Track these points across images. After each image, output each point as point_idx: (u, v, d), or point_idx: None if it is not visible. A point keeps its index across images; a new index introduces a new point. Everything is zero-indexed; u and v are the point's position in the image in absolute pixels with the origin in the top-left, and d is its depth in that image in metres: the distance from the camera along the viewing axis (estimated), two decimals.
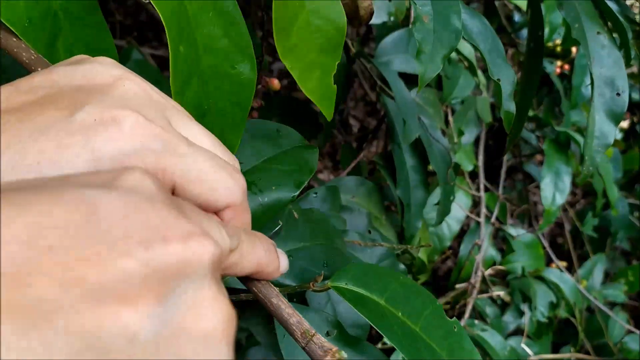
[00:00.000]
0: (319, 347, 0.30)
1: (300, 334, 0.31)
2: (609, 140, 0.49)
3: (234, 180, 0.31)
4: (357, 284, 0.43)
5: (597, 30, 0.50)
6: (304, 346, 0.30)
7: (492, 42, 0.49)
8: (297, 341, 0.31)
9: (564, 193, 1.24)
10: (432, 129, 0.95)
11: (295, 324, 0.31)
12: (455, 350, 0.44)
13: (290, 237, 0.50)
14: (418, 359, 0.41)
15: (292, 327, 0.31)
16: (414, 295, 0.46)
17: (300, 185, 0.46)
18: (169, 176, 0.28)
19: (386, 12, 0.94)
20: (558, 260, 1.41)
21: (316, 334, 0.30)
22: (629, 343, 1.40)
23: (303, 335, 0.30)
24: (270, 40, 0.49)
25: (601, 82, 0.49)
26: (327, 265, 0.51)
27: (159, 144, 0.28)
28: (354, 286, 0.43)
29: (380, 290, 0.43)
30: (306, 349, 0.30)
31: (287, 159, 0.48)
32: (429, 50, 0.43)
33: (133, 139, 0.27)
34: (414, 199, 0.91)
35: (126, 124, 0.27)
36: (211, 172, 0.30)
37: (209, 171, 0.30)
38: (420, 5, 0.43)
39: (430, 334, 0.44)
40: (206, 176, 0.30)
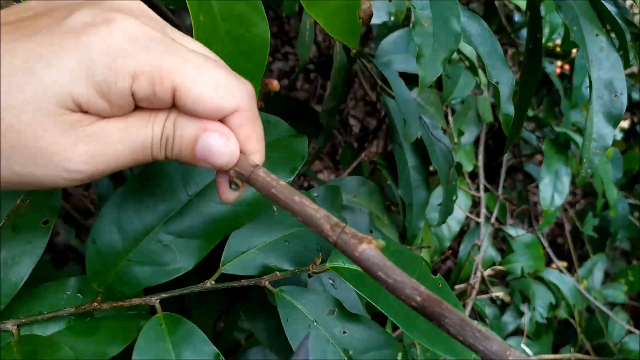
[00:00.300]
0: (352, 237, 0.27)
1: (329, 228, 0.28)
2: (607, 143, 0.49)
3: (239, 81, 0.30)
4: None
5: (596, 32, 0.50)
6: (336, 239, 0.28)
7: (490, 44, 0.49)
8: (327, 238, 0.28)
9: (562, 194, 1.24)
10: (433, 129, 0.95)
11: (324, 218, 0.28)
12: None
13: (284, 222, 0.50)
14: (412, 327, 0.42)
15: (319, 222, 0.28)
16: (405, 261, 0.47)
17: (294, 170, 0.47)
18: (167, 77, 0.27)
19: (386, 12, 0.94)
20: (558, 261, 1.41)
21: (347, 225, 0.28)
22: (629, 343, 1.40)
23: (333, 228, 0.28)
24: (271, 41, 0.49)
25: (600, 85, 0.49)
26: (320, 249, 0.51)
27: (155, 45, 0.27)
28: (350, 264, 0.44)
29: None
30: (338, 242, 0.28)
31: (280, 146, 0.48)
32: (429, 54, 0.43)
33: (126, 38, 0.26)
34: (416, 198, 0.91)
35: (119, 24, 0.26)
36: (213, 71, 0.29)
37: (211, 71, 0.28)
38: (420, 9, 0.43)
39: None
40: (208, 76, 0.28)
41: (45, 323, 0.42)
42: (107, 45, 0.26)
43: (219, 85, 0.28)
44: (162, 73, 0.27)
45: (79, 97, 0.26)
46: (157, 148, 0.29)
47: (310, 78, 1.69)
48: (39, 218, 0.41)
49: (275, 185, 0.30)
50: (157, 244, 0.43)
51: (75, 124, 0.27)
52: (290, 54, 1.64)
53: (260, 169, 0.31)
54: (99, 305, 0.43)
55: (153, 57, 0.27)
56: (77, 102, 0.26)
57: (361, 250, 0.27)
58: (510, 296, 1.32)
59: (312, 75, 1.68)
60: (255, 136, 0.31)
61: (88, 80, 0.26)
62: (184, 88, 0.27)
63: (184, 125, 0.29)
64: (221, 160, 0.30)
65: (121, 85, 0.26)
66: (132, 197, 0.44)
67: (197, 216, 0.44)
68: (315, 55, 1.57)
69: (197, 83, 0.27)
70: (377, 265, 0.26)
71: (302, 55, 0.88)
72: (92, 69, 0.26)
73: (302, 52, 0.88)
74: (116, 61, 0.26)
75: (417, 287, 0.26)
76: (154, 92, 0.27)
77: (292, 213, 0.29)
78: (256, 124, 0.31)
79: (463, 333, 0.24)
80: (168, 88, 0.27)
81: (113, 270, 0.43)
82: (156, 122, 0.29)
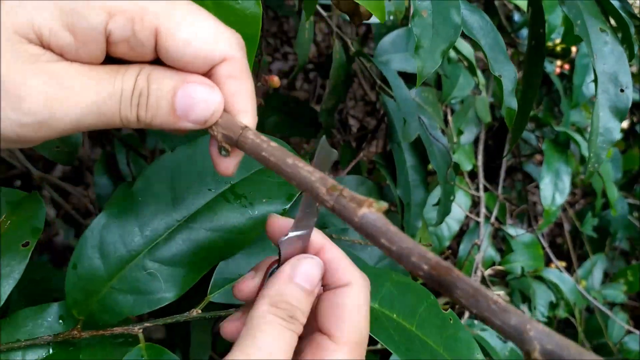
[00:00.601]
0: (350, 200, 0.24)
1: (326, 191, 0.25)
2: (613, 137, 0.49)
3: (229, 30, 0.27)
4: None
5: (600, 26, 0.49)
6: (333, 204, 0.25)
7: (493, 37, 0.48)
8: (323, 202, 0.25)
9: (563, 193, 1.24)
10: (431, 129, 0.95)
11: (319, 181, 0.25)
12: (451, 343, 0.44)
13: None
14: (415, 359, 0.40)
15: (315, 186, 0.25)
16: (408, 293, 0.45)
17: (291, 197, 0.44)
18: (150, 18, 0.24)
19: (385, 11, 0.94)
20: (557, 260, 1.41)
21: (345, 187, 0.25)
22: (629, 343, 1.39)
23: (330, 191, 0.25)
24: (269, 40, 0.49)
25: (605, 79, 0.49)
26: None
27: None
28: None
29: (373, 294, 0.41)
30: (336, 207, 0.25)
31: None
32: (428, 45, 0.43)
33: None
34: (414, 198, 0.90)
35: None
36: (200, 15, 0.25)
37: (197, 14, 0.25)
38: (419, 0, 0.43)
39: (425, 330, 0.43)
40: (196, 20, 0.25)
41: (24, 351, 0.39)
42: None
43: (207, 30, 0.25)
44: (143, 11, 0.24)
45: (41, 26, 0.23)
46: (126, 105, 0.26)
47: (310, 78, 1.68)
48: (19, 240, 0.39)
49: (266, 147, 0.27)
50: (142, 271, 0.41)
51: (33, 57, 0.24)
52: (290, 53, 1.64)
53: (249, 130, 0.28)
54: (78, 334, 0.40)
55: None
56: (38, 32, 0.23)
57: (361, 215, 0.24)
58: (510, 296, 1.31)
59: (312, 75, 1.68)
60: (245, 92, 0.28)
61: (55, 9, 0.23)
62: (169, 31, 0.24)
63: (160, 77, 0.26)
64: (205, 112, 0.27)
65: (94, 20, 0.23)
66: (117, 220, 0.41)
67: (185, 243, 0.41)
68: (315, 55, 1.56)
69: (183, 26, 0.25)
70: (380, 230, 0.23)
71: (301, 54, 0.88)
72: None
73: (301, 52, 0.88)
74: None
75: (425, 254, 0.23)
76: (133, 33, 0.24)
77: (285, 177, 0.27)
78: (246, 78, 0.28)
79: (477, 305, 0.21)
80: (150, 29, 0.24)
81: (94, 298, 0.40)
82: (127, 75, 0.25)
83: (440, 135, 0.97)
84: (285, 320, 0.29)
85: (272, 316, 0.29)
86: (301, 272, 0.31)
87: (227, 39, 0.26)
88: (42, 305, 0.41)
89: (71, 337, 0.40)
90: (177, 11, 0.25)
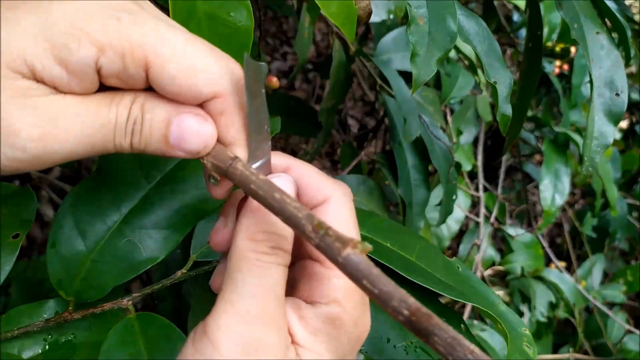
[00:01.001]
0: (335, 240, 0.24)
1: (311, 229, 0.25)
2: (608, 141, 0.49)
3: (218, 63, 0.26)
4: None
5: (597, 30, 0.49)
6: (318, 242, 0.25)
7: (488, 43, 0.48)
8: (309, 240, 0.25)
9: (563, 194, 1.24)
10: (432, 127, 0.95)
11: (305, 218, 0.25)
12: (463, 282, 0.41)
13: None
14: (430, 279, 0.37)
15: (301, 223, 0.25)
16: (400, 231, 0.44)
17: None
18: (140, 51, 0.24)
19: (385, 10, 0.94)
20: (557, 260, 1.41)
21: (331, 226, 0.25)
22: (628, 343, 1.40)
23: (315, 229, 0.25)
24: (268, 40, 0.49)
25: (600, 83, 0.49)
26: None
27: (127, 16, 0.24)
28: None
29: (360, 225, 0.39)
30: (321, 245, 0.25)
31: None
32: (424, 53, 0.43)
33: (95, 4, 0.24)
34: (416, 198, 0.90)
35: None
36: (188, 48, 0.25)
37: (185, 47, 0.25)
38: (416, 7, 0.43)
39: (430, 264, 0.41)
40: (182, 53, 0.25)
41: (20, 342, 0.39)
42: (72, 9, 0.23)
43: (197, 66, 0.25)
44: (133, 46, 0.24)
45: (33, 61, 0.23)
46: (121, 134, 0.26)
47: (309, 77, 1.69)
48: (9, 232, 0.39)
49: (255, 180, 0.27)
50: (121, 239, 0.40)
51: (27, 92, 0.24)
52: (289, 53, 1.64)
53: (239, 161, 0.28)
54: (69, 316, 0.40)
55: (124, 28, 0.24)
56: (30, 66, 0.23)
57: (345, 255, 0.24)
58: (510, 296, 1.32)
59: (311, 75, 1.68)
60: (236, 125, 0.28)
61: (46, 44, 0.23)
62: (158, 65, 0.24)
63: (154, 107, 0.26)
64: (197, 144, 0.27)
65: (84, 54, 0.23)
66: (89, 195, 0.41)
67: (161, 207, 0.41)
68: (314, 54, 1.56)
69: (172, 60, 0.25)
70: (362, 273, 0.24)
71: (301, 54, 0.88)
72: (51, 32, 0.23)
73: (300, 51, 0.88)
74: (80, 27, 0.23)
75: (405, 299, 0.23)
76: (124, 67, 0.24)
77: (272, 211, 0.27)
78: (237, 112, 0.28)
79: (453, 353, 0.22)
80: (140, 64, 0.24)
81: (78, 276, 0.40)
82: (122, 104, 0.26)
83: (441, 134, 0.97)
84: (267, 254, 0.27)
85: (250, 252, 0.26)
86: None
87: (216, 75, 0.26)
88: (39, 302, 0.41)
89: (63, 320, 0.40)
90: (167, 46, 0.25)
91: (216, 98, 0.26)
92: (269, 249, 0.27)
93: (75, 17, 0.23)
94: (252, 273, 0.26)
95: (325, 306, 0.27)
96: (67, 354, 0.41)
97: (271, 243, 0.27)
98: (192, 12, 0.36)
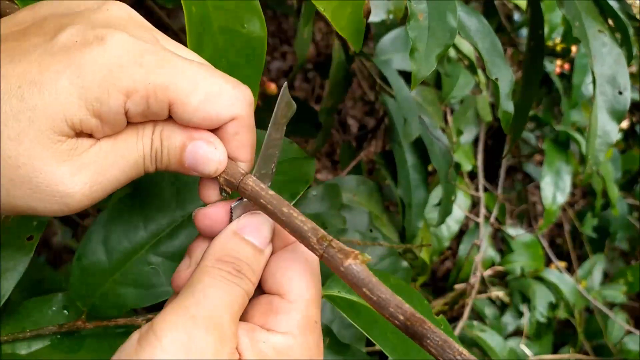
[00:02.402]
0: (338, 251, 0.27)
1: (316, 241, 0.28)
2: (611, 139, 0.49)
3: (235, 89, 0.29)
4: (350, 291, 0.42)
5: (598, 28, 0.49)
6: (322, 254, 0.27)
7: (490, 40, 0.48)
8: (314, 251, 0.28)
9: (564, 192, 1.24)
10: (432, 128, 0.94)
11: (311, 231, 0.28)
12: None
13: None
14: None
15: (307, 235, 0.28)
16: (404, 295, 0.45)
17: (295, 195, 0.44)
18: (162, 92, 0.27)
19: (384, 10, 0.94)
20: (557, 261, 1.41)
21: (334, 239, 0.28)
22: (628, 343, 1.39)
23: (320, 241, 0.28)
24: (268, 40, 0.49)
25: (603, 81, 0.48)
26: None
27: (147, 59, 0.27)
28: (346, 294, 0.43)
29: None
30: (325, 256, 0.27)
31: (284, 169, 0.46)
32: (423, 49, 0.42)
33: (119, 55, 0.26)
34: (415, 198, 0.90)
35: (110, 41, 0.26)
36: (207, 79, 0.28)
37: (205, 79, 0.28)
38: (416, 3, 0.42)
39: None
40: (202, 85, 0.28)
41: (29, 341, 0.40)
42: (99, 64, 0.25)
43: (215, 95, 0.28)
44: (156, 89, 0.26)
45: (72, 119, 0.26)
46: (147, 161, 0.29)
47: (309, 77, 1.68)
48: (24, 234, 0.40)
49: (264, 195, 0.29)
50: (145, 265, 0.41)
51: (71, 153, 0.26)
52: (289, 53, 1.63)
53: (249, 177, 0.30)
54: (83, 325, 0.41)
55: (146, 72, 0.26)
56: (70, 125, 0.26)
57: (346, 265, 0.27)
58: (510, 296, 1.31)
59: (311, 75, 1.67)
60: (248, 145, 0.31)
61: (81, 101, 0.25)
62: (180, 101, 0.27)
63: (170, 135, 0.29)
64: (209, 168, 0.29)
65: (114, 103, 0.26)
66: (122, 215, 0.42)
67: (189, 238, 0.42)
68: (314, 54, 1.56)
69: (192, 95, 0.27)
70: (362, 281, 0.26)
71: (300, 54, 0.88)
72: (84, 90, 0.25)
73: (300, 51, 0.88)
74: (108, 80, 0.26)
75: (401, 306, 0.25)
76: (148, 108, 0.27)
77: (280, 224, 0.29)
78: (251, 133, 0.31)
79: (444, 355, 0.24)
80: (164, 103, 0.27)
81: (98, 291, 0.41)
82: (144, 137, 0.29)
83: (441, 135, 0.97)
84: (232, 275, 0.28)
85: (216, 269, 0.28)
86: (247, 226, 0.30)
87: (233, 101, 0.29)
88: (47, 296, 0.42)
89: (76, 328, 0.41)
90: (187, 80, 0.27)
91: (233, 120, 0.29)
92: (235, 271, 0.28)
93: (103, 70, 0.25)
94: (212, 285, 0.27)
95: (280, 335, 0.28)
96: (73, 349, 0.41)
97: (238, 267, 0.28)
98: (207, 27, 0.38)
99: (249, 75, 0.40)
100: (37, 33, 0.26)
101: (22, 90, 0.25)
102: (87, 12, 0.28)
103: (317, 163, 1.65)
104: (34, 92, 0.25)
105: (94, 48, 0.25)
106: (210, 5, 0.37)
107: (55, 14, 0.28)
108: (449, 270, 1.58)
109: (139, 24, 0.29)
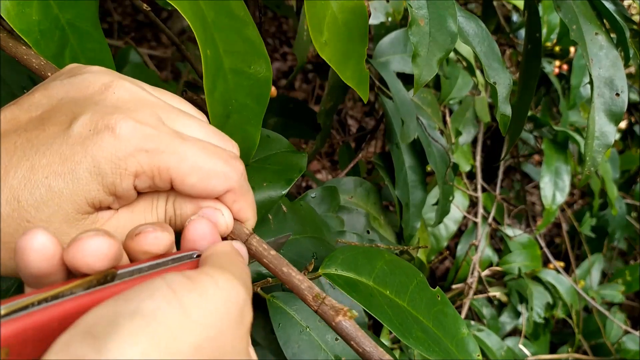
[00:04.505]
0: (330, 308, 0.32)
1: (312, 298, 0.32)
2: (609, 140, 0.49)
3: (229, 166, 0.33)
4: (347, 269, 0.45)
5: (595, 31, 0.50)
6: (317, 309, 0.32)
7: (488, 44, 0.49)
8: (309, 305, 0.32)
9: (563, 192, 1.24)
10: (430, 129, 0.95)
11: (307, 289, 0.33)
12: (439, 317, 0.47)
13: (279, 231, 0.50)
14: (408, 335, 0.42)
15: (303, 292, 0.33)
16: (399, 270, 0.47)
17: (290, 182, 0.47)
18: (165, 172, 0.31)
19: (383, 12, 0.94)
20: (555, 261, 1.41)
21: (327, 296, 0.32)
22: (627, 343, 1.40)
23: (315, 298, 0.32)
24: (268, 41, 0.49)
25: (600, 83, 0.49)
26: (316, 256, 0.51)
27: (152, 144, 0.31)
28: (343, 271, 0.45)
29: (368, 272, 0.45)
30: (319, 311, 0.32)
31: (278, 160, 0.49)
32: (425, 54, 0.43)
33: (126, 143, 0.30)
34: (413, 199, 0.91)
35: (118, 129, 0.30)
36: (205, 161, 0.32)
37: (203, 161, 0.32)
38: (417, 9, 0.43)
39: (416, 306, 0.46)
40: (200, 166, 0.32)
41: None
42: (111, 153, 0.30)
43: (209, 175, 0.32)
44: (160, 170, 0.31)
45: (92, 200, 0.30)
46: None
47: (309, 78, 1.69)
48: None
49: (267, 255, 0.34)
50: None
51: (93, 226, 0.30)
52: (289, 54, 1.64)
53: (254, 237, 0.34)
54: None
55: (150, 157, 0.30)
56: (91, 204, 0.30)
57: (337, 321, 0.31)
58: (508, 296, 1.32)
59: (310, 76, 1.68)
60: (247, 206, 0.35)
61: (99, 186, 0.30)
62: (179, 180, 0.31)
63: (182, 205, 0.33)
64: (219, 231, 0.33)
65: (126, 184, 0.30)
66: None
67: None
68: (314, 55, 1.56)
69: (189, 175, 0.31)
70: (350, 336, 0.31)
71: (300, 55, 0.88)
72: (101, 177, 0.30)
73: (299, 53, 0.88)
74: (121, 166, 0.30)
75: (382, 357, 0.30)
76: (154, 184, 0.31)
77: (281, 280, 0.34)
78: (247, 196, 0.35)
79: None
80: (166, 180, 0.31)
81: None
82: (159, 207, 0.33)
83: (439, 136, 0.97)
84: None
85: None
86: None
87: (225, 176, 0.33)
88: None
89: None
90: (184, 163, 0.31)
91: (228, 192, 0.33)
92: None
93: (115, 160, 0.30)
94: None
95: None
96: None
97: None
98: (219, 69, 0.42)
99: (256, 111, 0.44)
100: (54, 122, 0.30)
101: (48, 181, 0.29)
102: (96, 96, 0.32)
103: (317, 163, 1.65)
104: (59, 181, 0.29)
105: (105, 138, 0.29)
106: (221, 49, 0.41)
107: (67, 98, 0.32)
108: (447, 270, 1.58)
109: (143, 103, 0.32)
